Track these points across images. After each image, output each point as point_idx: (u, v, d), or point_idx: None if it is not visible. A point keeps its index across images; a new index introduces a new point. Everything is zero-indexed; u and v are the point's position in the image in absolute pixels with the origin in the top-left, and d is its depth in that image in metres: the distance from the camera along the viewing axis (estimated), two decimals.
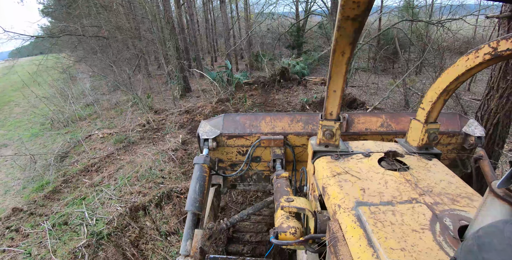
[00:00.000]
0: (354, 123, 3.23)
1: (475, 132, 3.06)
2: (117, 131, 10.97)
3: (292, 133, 3.23)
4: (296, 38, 23.94)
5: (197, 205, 2.43)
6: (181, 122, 11.47)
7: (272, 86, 16.36)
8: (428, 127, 2.30)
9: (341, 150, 2.36)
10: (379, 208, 1.61)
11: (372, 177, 1.95)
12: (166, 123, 11.34)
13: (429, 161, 2.19)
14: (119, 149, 9.43)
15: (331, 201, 1.80)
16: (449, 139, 3.16)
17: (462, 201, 1.66)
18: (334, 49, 1.73)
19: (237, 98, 14.61)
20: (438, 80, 2.11)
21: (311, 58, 20.79)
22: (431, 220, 1.50)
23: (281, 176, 2.80)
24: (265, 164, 3.46)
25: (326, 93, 2.14)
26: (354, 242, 1.42)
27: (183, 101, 14.79)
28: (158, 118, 11.88)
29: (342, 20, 1.49)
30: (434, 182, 1.87)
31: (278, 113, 3.45)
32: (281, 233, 1.93)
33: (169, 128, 10.70)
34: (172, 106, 13.79)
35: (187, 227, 2.31)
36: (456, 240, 1.35)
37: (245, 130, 3.25)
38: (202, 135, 3.22)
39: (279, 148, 3.22)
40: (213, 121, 3.38)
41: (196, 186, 2.56)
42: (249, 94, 15.21)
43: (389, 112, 3.37)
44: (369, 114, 3.32)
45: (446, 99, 2.17)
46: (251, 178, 3.61)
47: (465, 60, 1.83)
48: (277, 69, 16.51)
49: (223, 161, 3.48)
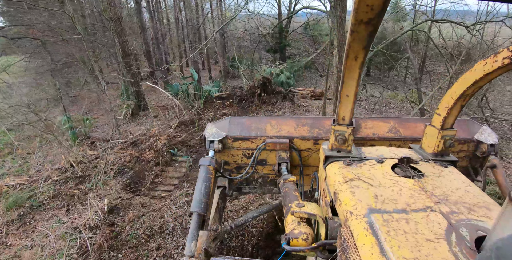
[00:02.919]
0: (361, 128, 3.15)
1: (488, 139, 2.97)
2: (24, 180, 7.48)
3: (297, 136, 3.18)
4: (279, 41, 20.83)
5: (202, 206, 2.44)
6: (121, 163, 8.10)
7: (251, 101, 13.19)
8: (444, 134, 2.24)
9: (353, 156, 2.30)
10: (392, 215, 1.56)
11: (385, 183, 1.90)
12: (99, 166, 7.93)
13: (445, 168, 2.14)
14: (12, 222, 6.00)
15: (342, 207, 1.76)
16: (460, 146, 3.06)
17: (479, 211, 1.60)
18: (347, 53, 1.71)
19: (206, 119, 11.34)
20: (455, 85, 2.07)
21: (296, 64, 17.74)
22: (447, 229, 1.45)
23: (289, 180, 2.70)
24: (270, 167, 3.38)
25: (338, 98, 2.09)
26: (366, 250, 1.38)
27: (133, 125, 11.37)
28: (89, 157, 8.45)
29: (356, 24, 1.47)
30: (450, 190, 1.81)
31: (283, 116, 3.79)
32: (293, 239, 1.89)
33: (98, 177, 7.29)
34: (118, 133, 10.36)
35: (192, 228, 2.32)
36: (473, 251, 1.30)
37: (250, 132, 3.23)
38: (208, 137, 3.19)
39: (284, 152, 3.16)
40: (219, 124, 3.34)
41: (202, 188, 2.55)
42: (221, 113, 11.96)
43: (398, 118, 3.34)
44: (377, 119, 3.27)
45: (463, 105, 2.14)
46: (256, 181, 3.55)
47: (483, 64, 1.79)
48: (257, 80, 13.32)
49: (228, 163, 3.42)
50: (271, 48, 21.23)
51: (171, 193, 6.95)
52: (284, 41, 20.87)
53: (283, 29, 20.93)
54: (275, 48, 21.04)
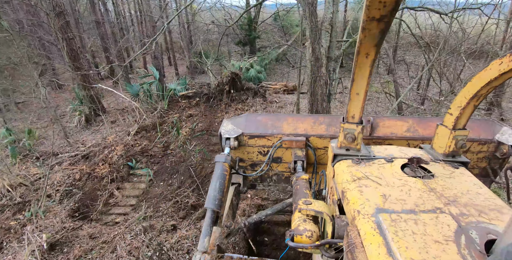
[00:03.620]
0: (378, 127, 3.11)
1: (509, 141, 2.91)
2: None
3: (314, 134, 3.15)
4: (248, 33, 19.80)
5: (216, 202, 2.45)
6: (69, 182, 7.00)
7: (220, 99, 12.23)
8: (456, 134, 2.18)
9: (362, 154, 2.27)
10: (400, 216, 1.54)
11: (394, 183, 1.88)
12: (42, 188, 6.79)
13: (456, 169, 2.09)
14: None
15: (350, 206, 1.74)
16: (480, 146, 3.01)
17: (490, 213, 1.57)
18: (358, 51, 1.70)
19: (170, 122, 10.30)
20: (469, 84, 2.02)
21: (267, 57, 16.85)
22: (456, 231, 1.43)
23: (301, 178, 2.69)
24: (285, 165, 3.37)
25: (348, 95, 2.06)
26: (372, 250, 1.36)
27: (87, 133, 10.14)
28: (32, 177, 7.26)
29: (367, 21, 1.45)
30: (461, 192, 1.78)
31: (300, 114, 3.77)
32: (297, 236, 1.88)
33: (39, 204, 6.18)
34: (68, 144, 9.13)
35: (206, 224, 2.36)
36: (482, 255, 1.26)
37: (267, 130, 3.21)
38: (224, 134, 3.17)
39: (300, 150, 3.13)
40: (236, 121, 3.33)
41: (217, 184, 2.57)
42: (187, 115, 10.94)
43: (417, 117, 3.34)
44: (395, 118, 3.24)
45: (477, 105, 2.08)
46: (271, 179, 3.53)
47: (498, 64, 1.74)
48: (225, 76, 12.34)
49: (243, 160, 3.41)
50: (240, 41, 20.18)
51: (127, 216, 5.98)
52: (253, 33, 19.86)
53: (252, 20, 19.90)
54: (245, 41, 20.01)
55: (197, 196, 6.45)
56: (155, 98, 12.39)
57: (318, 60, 7.08)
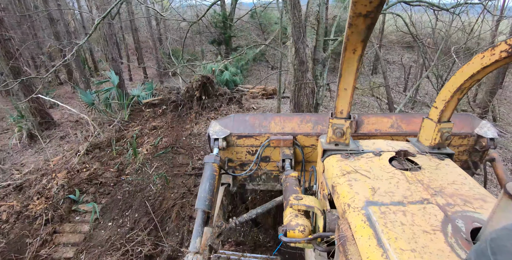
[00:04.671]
0: (363, 124, 3.20)
1: (487, 134, 3.03)
2: None
3: (301, 133, 3.22)
4: (223, 31, 18.36)
5: (207, 203, 2.48)
6: None
7: (190, 107, 10.81)
8: (441, 127, 2.27)
9: (351, 149, 2.33)
10: (389, 208, 1.58)
11: (382, 176, 1.93)
12: None
13: (442, 161, 2.16)
14: None
15: (340, 200, 1.79)
16: (461, 140, 3.14)
17: (475, 203, 1.63)
18: (345, 46, 1.74)
19: (130, 137, 8.82)
20: (452, 78, 2.09)
21: (244, 58, 15.51)
22: (443, 221, 1.48)
23: (290, 176, 2.72)
24: (274, 164, 3.43)
25: (336, 91, 2.12)
26: (363, 242, 1.41)
27: (30, 153, 8.50)
28: None
29: (354, 17, 1.49)
30: (447, 183, 1.84)
31: (287, 113, 3.72)
32: (290, 231, 1.91)
33: None
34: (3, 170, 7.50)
35: (197, 224, 2.36)
36: (468, 242, 1.32)
37: (254, 130, 3.26)
38: (213, 135, 3.21)
39: (288, 148, 3.20)
40: (223, 121, 3.36)
41: (206, 185, 2.60)
42: (150, 127, 9.47)
43: (400, 113, 3.42)
44: (380, 115, 3.35)
45: (460, 98, 2.18)
46: (260, 178, 3.59)
47: (480, 57, 1.82)
48: (195, 81, 10.91)
49: (232, 161, 3.45)
50: (214, 39, 18.72)
51: None
52: (229, 32, 18.45)
53: (227, 17, 18.47)
54: (219, 40, 18.57)
55: (155, 241, 5.10)
56: (115, 107, 10.84)
57: (303, 63, 5.97)
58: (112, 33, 10.36)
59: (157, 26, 18.81)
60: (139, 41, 17.49)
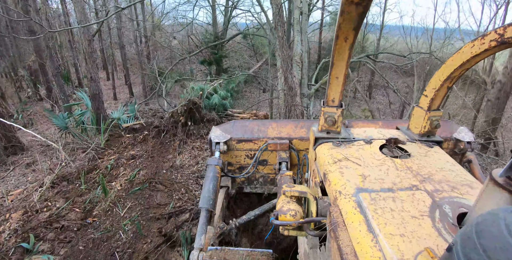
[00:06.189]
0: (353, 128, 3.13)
1: (465, 138, 3.20)
2: None
3: (296, 137, 3.37)
4: (214, 51, 17.87)
5: (210, 202, 2.55)
6: None
7: (174, 133, 10.01)
8: (431, 115, 2.30)
9: (342, 137, 2.35)
10: (379, 194, 1.59)
11: (373, 163, 1.94)
12: None
13: (431, 148, 2.19)
14: None
15: (332, 187, 1.80)
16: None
17: (462, 189, 1.65)
18: (337, 34, 1.73)
19: (104, 167, 7.91)
20: (442, 67, 2.09)
21: (235, 79, 14.93)
22: (431, 207, 1.49)
23: (285, 174, 2.80)
24: (271, 167, 3.56)
25: (328, 79, 2.14)
26: (354, 228, 1.43)
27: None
28: None
29: (346, 4, 1.49)
30: (435, 169, 1.86)
31: (283, 120, 4.20)
32: (281, 215, 1.93)
33: None
34: None
35: (201, 222, 2.43)
36: (455, 227, 1.34)
37: (253, 134, 3.41)
38: (214, 139, 3.32)
39: (284, 152, 3.34)
40: (224, 127, 3.51)
41: (210, 185, 2.68)
42: (128, 156, 8.59)
43: (387, 120, 3.61)
44: (367, 121, 3.59)
45: (450, 86, 2.20)
46: (257, 181, 3.72)
47: (470, 46, 1.82)
48: (181, 105, 10.17)
49: (232, 164, 3.59)
50: (205, 59, 18.19)
51: None
52: (220, 52, 17.98)
53: (219, 37, 18.05)
54: (210, 60, 18.04)
55: None
56: (93, 132, 9.95)
57: (291, 89, 6.74)
58: (92, 51, 9.60)
59: (145, 43, 18.21)
60: (125, 58, 16.79)
